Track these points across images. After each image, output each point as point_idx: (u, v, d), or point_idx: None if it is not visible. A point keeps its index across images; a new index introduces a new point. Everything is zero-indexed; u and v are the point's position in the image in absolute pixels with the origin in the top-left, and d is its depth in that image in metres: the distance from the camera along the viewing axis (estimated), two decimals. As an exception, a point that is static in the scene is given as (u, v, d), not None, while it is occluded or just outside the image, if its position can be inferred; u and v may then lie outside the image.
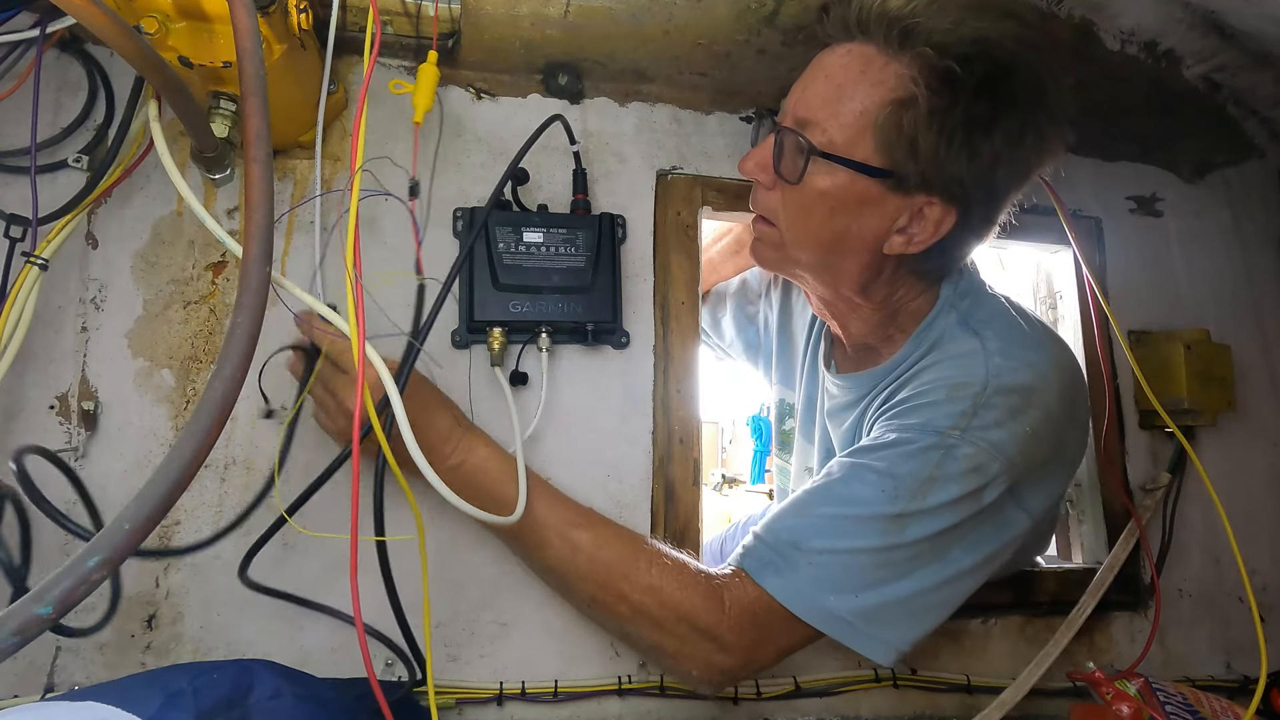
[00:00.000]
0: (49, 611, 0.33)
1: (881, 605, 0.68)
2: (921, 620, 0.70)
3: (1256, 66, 0.94)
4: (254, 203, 0.47)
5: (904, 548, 0.68)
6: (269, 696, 0.58)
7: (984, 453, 0.68)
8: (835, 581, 0.68)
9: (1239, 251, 1.13)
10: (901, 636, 0.70)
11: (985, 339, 0.74)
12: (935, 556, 0.69)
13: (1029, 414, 0.70)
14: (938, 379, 0.74)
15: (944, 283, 0.80)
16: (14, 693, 0.72)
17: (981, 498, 0.69)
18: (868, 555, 0.68)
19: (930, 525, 0.68)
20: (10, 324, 0.70)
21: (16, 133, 0.78)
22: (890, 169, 0.69)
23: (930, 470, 0.68)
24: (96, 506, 0.71)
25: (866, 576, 0.68)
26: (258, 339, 0.44)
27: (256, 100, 0.49)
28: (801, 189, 0.73)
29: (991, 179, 0.71)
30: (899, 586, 0.68)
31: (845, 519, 0.69)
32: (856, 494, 0.70)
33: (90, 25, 0.48)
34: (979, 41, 0.66)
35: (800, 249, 0.78)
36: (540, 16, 0.81)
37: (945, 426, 0.70)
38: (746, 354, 1.18)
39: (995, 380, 0.71)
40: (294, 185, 0.85)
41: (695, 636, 0.69)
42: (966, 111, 0.67)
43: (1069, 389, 0.75)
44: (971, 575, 0.71)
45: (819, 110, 0.71)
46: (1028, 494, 0.73)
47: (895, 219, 0.72)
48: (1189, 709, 0.78)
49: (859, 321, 0.84)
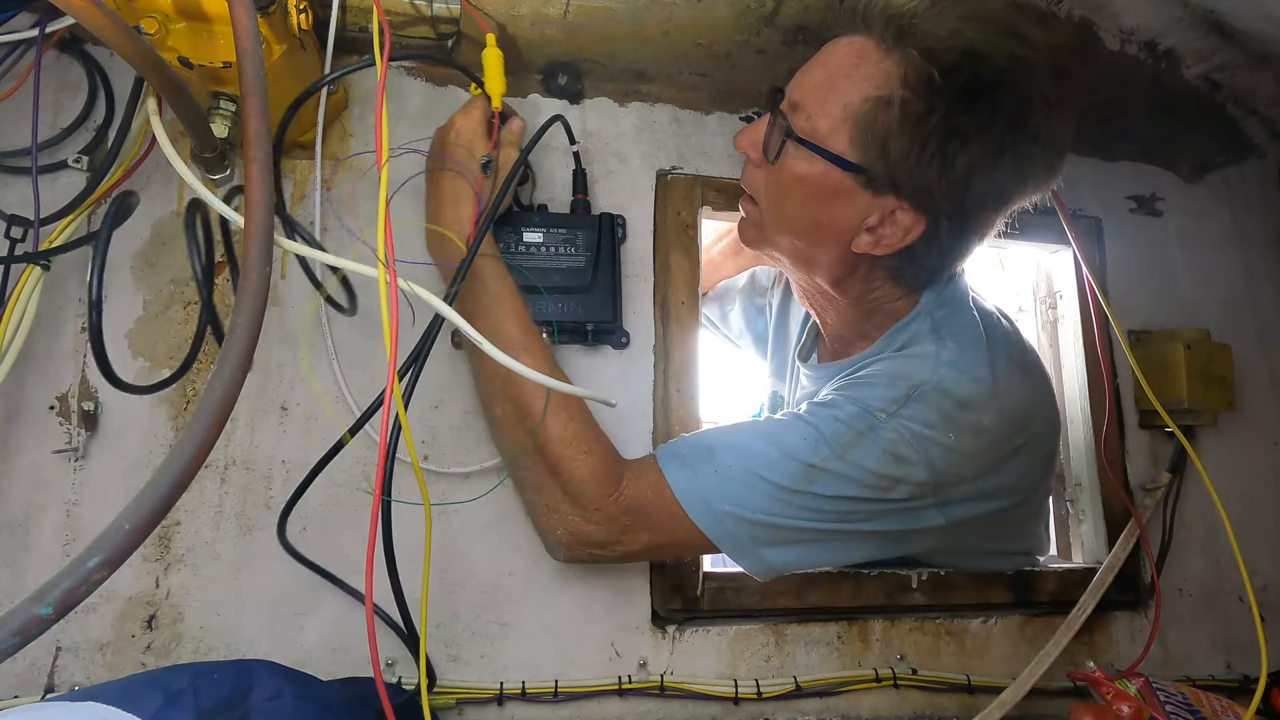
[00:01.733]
0: (49, 612, 0.33)
1: (770, 528, 0.71)
2: (806, 552, 0.73)
3: (1256, 66, 0.94)
4: (254, 203, 0.47)
5: (806, 495, 0.70)
6: (269, 697, 0.58)
7: (906, 442, 0.70)
8: (733, 495, 0.70)
9: (1239, 251, 1.13)
10: (781, 557, 0.72)
11: (943, 347, 0.74)
12: (834, 517, 0.71)
13: (959, 424, 0.71)
14: (884, 369, 0.76)
15: (927, 289, 0.80)
16: (14, 693, 0.72)
17: (894, 490, 0.70)
18: (772, 488, 0.70)
19: (838, 488, 0.70)
20: (12, 325, 0.70)
21: (17, 133, 0.78)
22: (862, 165, 0.70)
23: (852, 437, 0.70)
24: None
25: (764, 503, 0.70)
26: (258, 339, 0.44)
27: (256, 100, 0.49)
28: (780, 171, 0.74)
29: (963, 194, 0.70)
30: (791, 521, 0.70)
31: (766, 453, 0.71)
32: (783, 436, 0.72)
33: (90, 25, 0.48)
34: (968, 53, 0.65)
35: (777, 231, 0.79)
36: (540, 16, 0.81)
37: (875, 407, 0.71)
38: (756, 346, 1.20)
39: (935, 381, 0.72)
40: (294, 185, 0.85)
41: (578, 500, 0.71)
42: (943, 121, 0.66)
43: (1021, 418, 0.75)
44: (865, 541, 0.74)
45: (810, 96, 0.72)
46: (951, 501, 0.73)
47: (865, 217, 0.72)
48: (1189, 709, 0.78)
49: (836, 314, 0.86)
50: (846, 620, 0.88)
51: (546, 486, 0.73)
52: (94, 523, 0.75)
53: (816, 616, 0.87)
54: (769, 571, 0.74)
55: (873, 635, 0.88)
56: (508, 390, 0.73)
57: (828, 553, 0.74)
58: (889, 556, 0.79)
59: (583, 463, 0.71)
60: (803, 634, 0.86)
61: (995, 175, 0.70)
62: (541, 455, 0.72)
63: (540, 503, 0.75)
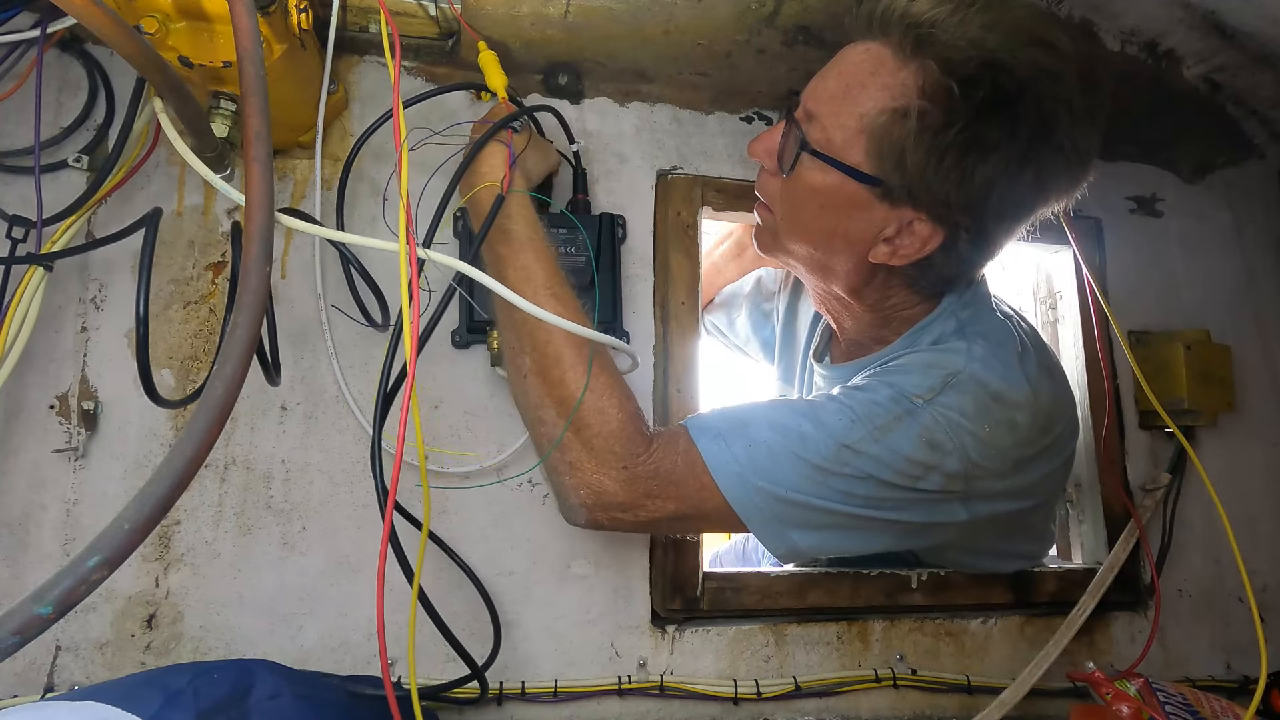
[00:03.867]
0: (49, 611, 0.33)
1: (800, 507, 0.69)
2: (830, 538, 0.71)
3: (1256, 66, 0.94)
4: (254, 203, 0.47)
5: (838, 477, 0.68)
6: (269, 696, 0.58)
7: (943, 429, 0.68)
8: (767, 470, 0.68)
9: (1239, 252, 1.13)
10: (806, 540, 0.70)
11: (974, 344, 0.74)
12: (863, 503, 0.69)
13: (994, 417, 0.70)
14: (917, 359, 0.75)
15: (947, 295, 0.79)
16: (13, 692, 0.72)
17: (924, 479, 0.69)
18: (807, 466, 0.68)
19: (871, 470, 0.68)
20: (14, 325, 0.70)
21: (17, 133, 0.78)
22: (878, 177, 0.69)
23: (889, 420, 0.69)
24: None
25: (797, 481, 0.68)
26: (258, 339, 0.44)
27: (256, 100, 0.49)
28: (795, 181, 0.73)
29: (982, 206, 0.69)
30: (821, 502, 0.69)
31: (801, 429, 0.69)
32: (819, 414, 0.70)
33: (90, 25, 0.48)
34: (989, 64, 0.63)
35: (792, 240, 0.78)
36: (540, 16, 0.81)
37: (912, 392, 0.70)
38: (763, 352, 1.18)
39: (972, 372, 0.71)
40: (294, 185, 0.85)
41: (604, 456, 0.69)
42: (961, 133, 0.65)
43: (1049, 420, 0.74)
44: (887, 530, 0.72)
45: (824, 106, 0.71)
46: (976, 497, 0.72)
47: (882, 228, 0.71)
48: (1189, 709, 0.78)
49: (852, 319, 0.85)
50: (846, 620, 0.88)
51: (571, 442, 0.70)
52: (94, 522, 0.75)
53: (816, 616, 0.87)
54: (791, 554, 0.72)
55: (872, 635, 0.88)
56: (535, 336, 0.70)
57: (850, 540, 0.73)
58: (905, 548, 0.78)
59: (612, 417, 0.69)
60: (802, 634, 0.86)
61: (1016, 187, 0.68)
62: (568, 407, 0.69)
63: (563, 460, 0.70)
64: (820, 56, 0.86)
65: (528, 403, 0.73)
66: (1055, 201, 0.73)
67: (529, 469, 0.83)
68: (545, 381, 0.70)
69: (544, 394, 0.71)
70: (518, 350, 0.72)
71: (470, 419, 0.83)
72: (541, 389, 0.71)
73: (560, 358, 0.70)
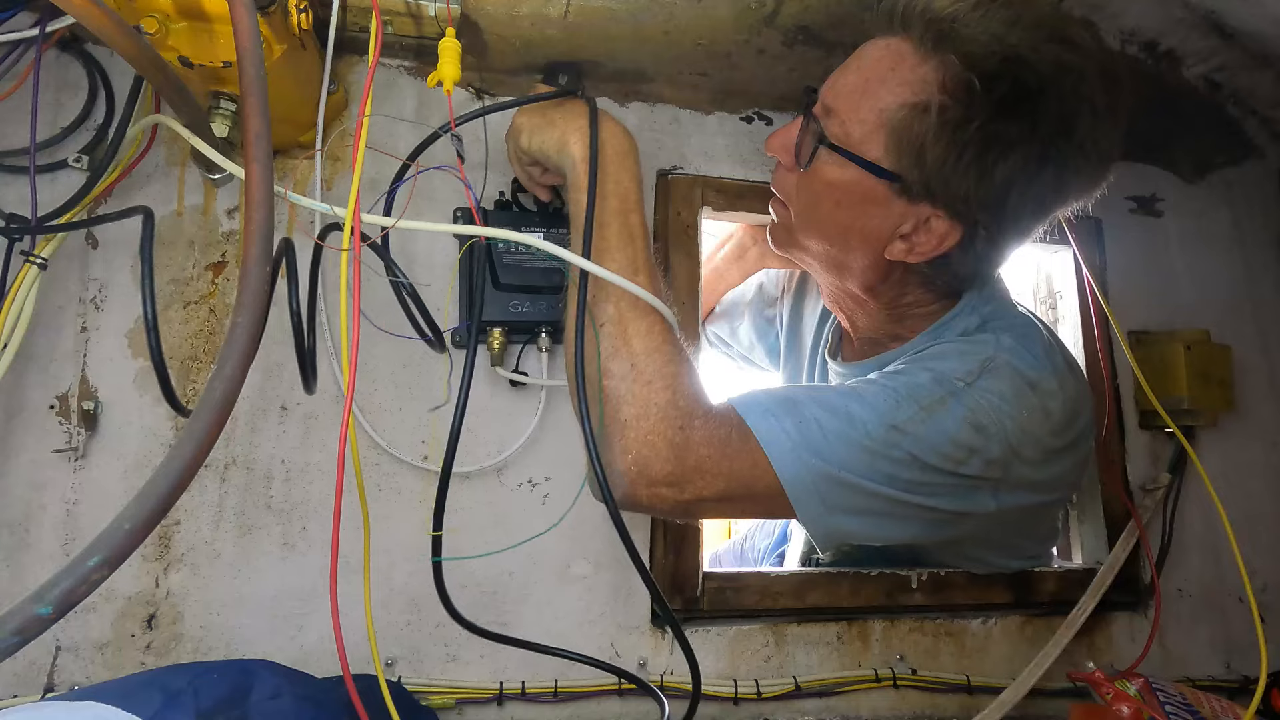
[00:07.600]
0: (49, 611, 0.33)
1: (848, 487, 0.67)
2: (868, 524, 0.70)
3: (1256, 66, 0.94)
4: (254, 203, 0.47)
5: (885, 460, 0.66)
6: (269, 696, 0.58)
7: (985, 412, 0.67)
8: (819, 447, 0.66)
9: (1239, 252, 1.13)
10: (847, 524, 0.69)
11: (1001, 336, 0.73)
12: (906, 486, 0.68)
13: (1030, 404, 0.69)
14: (949, 348, 0.74)
15: (966, 293, 0.78)
16: (13, 692, 0.72)
17: (966, 464, 0.67)
18: (855, 445, 0.66)
19: (917, 449, 0.66)
20: (10, 324, 0.70)
21: (17, 133, 0.78)
22: (897, 173, 0.68)
23: (933, 401, 0.67)
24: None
25: (848, 459, 0.66)
26: (258, 339, 0.44)
27: (256, 100, 0.49)
28: (811, 176, 0.73)
29: (1001, 203, 0.68)
30: (868, 483, 0.67)
31: (849, 408, 0.68)
32: (864, 395, 0.69)
33: (90, 25, 0.48)
34: (1011, 60, 0.63)
35: (807, 236, 0.78)
36: (540, 16, 0.81)
37: (953, 375, 0.69)
38: (768, 359, 1.17)
39: (1006, 358, 0.70)
40: (294, 185, 0.85)
41: (666, 414, 0.65)
42: (982, 129, 0.64)
43: (1074, 414, 0.73)
44: (920, 517, 0.70)
45: (843, 101, 0.70)
46: (1007, 485, 0.71)
47: (899, 224, 0.71)
48: (1189, 709, 0.78)
49: (866, 317, 0.84)
50: (846, 620, 0.88)
51: (634, 396, 0.66)
52: (94, 522, 0.75)
53: (816, 617, 0.87)
54: (831, 538, 0.71)
55: (872, 635, 0.88)
56: (620, 290, 0.68)
57: (884, 527, 0.71)
58: (929, 540, 0.78)
59: (683, 379, 0.67)
60: (802, 634, 0.86)
61: (1035, 185, 0.68)
62: (640, 360, 0.67)
63: (618, 417, 0.66)
64: (820, 57, 0.86)
65: (594, 352, 0.69)
66: (1074, 201, 0.72)
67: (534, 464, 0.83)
68: (625, 332, 0.68)
69: (620, 344, 0.68)
70: (601, 299, 0.70)
71: (470, 419, 0.83)
72: (618, 339, 0.68)
73: (646, 313, 0.68)
